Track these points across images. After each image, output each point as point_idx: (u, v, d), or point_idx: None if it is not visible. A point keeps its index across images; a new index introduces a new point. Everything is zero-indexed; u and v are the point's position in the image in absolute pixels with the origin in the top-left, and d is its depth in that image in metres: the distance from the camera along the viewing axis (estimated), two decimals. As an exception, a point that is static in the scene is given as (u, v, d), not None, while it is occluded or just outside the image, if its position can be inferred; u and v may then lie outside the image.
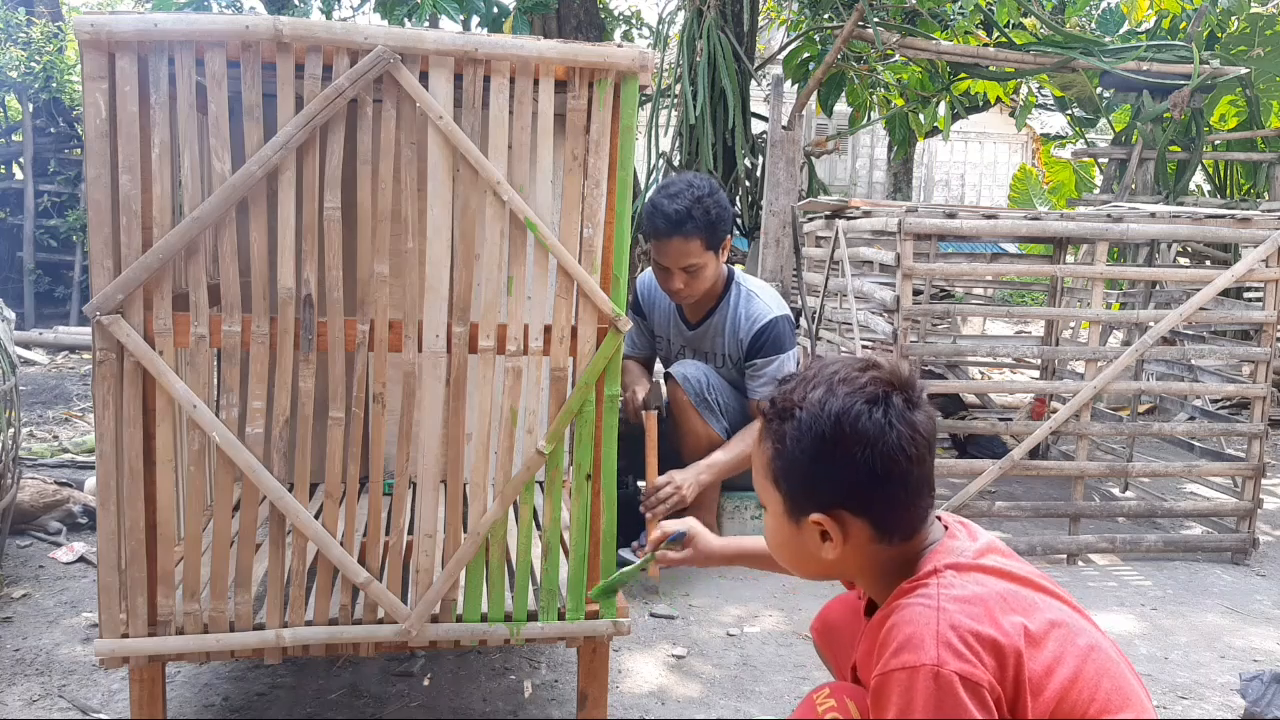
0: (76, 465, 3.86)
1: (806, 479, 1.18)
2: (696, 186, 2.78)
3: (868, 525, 1.18)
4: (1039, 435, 3.22)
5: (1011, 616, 1.11)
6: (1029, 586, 1.18)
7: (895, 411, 1.15)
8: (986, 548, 1.21)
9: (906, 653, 1.08)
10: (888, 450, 1.14)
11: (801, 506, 1.20)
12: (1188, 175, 6.47)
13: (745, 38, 7.07)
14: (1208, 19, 6.51)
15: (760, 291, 3.00)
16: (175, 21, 1.61)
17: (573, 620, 1.88)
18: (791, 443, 1.17)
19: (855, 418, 1.14)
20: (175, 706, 2.05)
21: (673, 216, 2.73)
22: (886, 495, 1.17)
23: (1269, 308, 3.24)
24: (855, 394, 1.15)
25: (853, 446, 1.14)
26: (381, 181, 1.71)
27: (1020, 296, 9.27)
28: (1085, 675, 1.11)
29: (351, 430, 1.75)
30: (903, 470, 1.15)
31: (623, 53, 1.73)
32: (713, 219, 2.77)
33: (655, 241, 2.80)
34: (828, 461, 1.15)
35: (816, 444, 1.15)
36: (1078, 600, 1.23)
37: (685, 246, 2.76)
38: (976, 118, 10.61)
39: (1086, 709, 1.10)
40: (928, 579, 1.15)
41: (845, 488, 1.16)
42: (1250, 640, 2.67)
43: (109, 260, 1.64)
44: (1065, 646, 1.12)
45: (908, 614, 1.12)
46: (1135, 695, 1.14)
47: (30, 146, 8.14)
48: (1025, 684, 1.08)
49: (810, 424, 1.15)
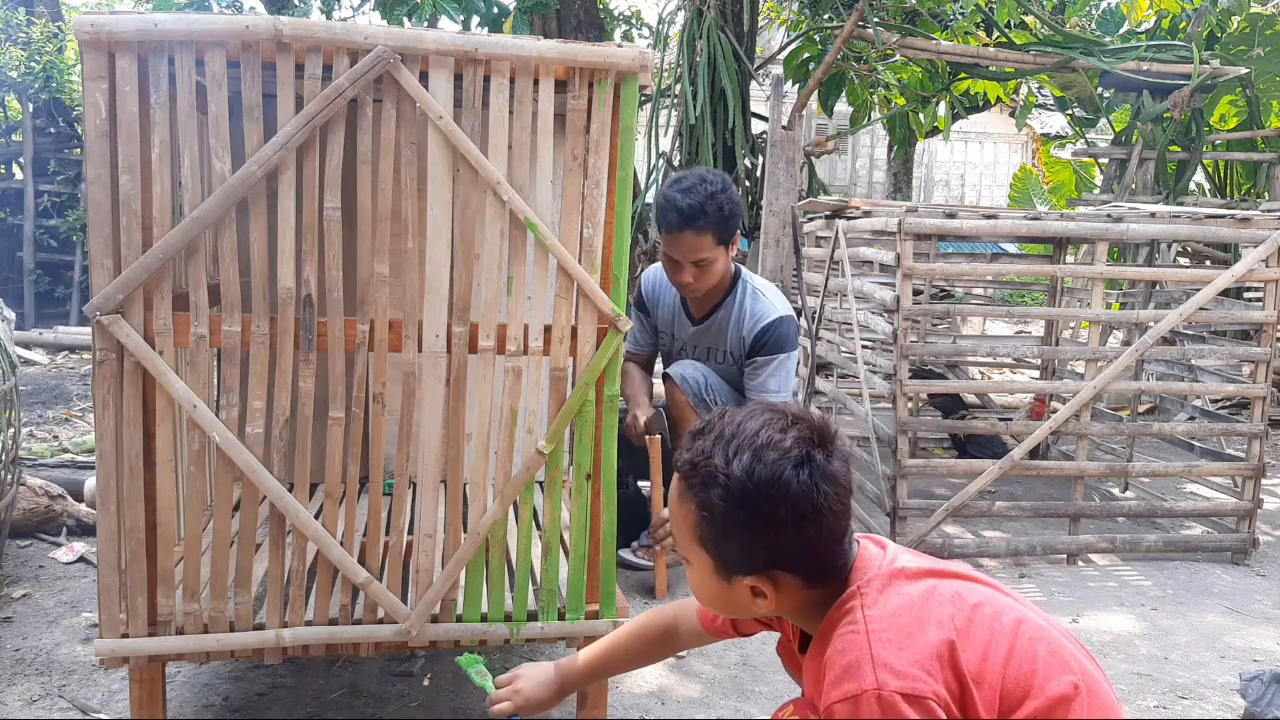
0: (76, 465, 3.85)
1: (736, 545, 1.17)
2: (710, 181, 2.80)
3: (798, 578, 1.18)
4: (1039, 435, 3.22)
5: (938, 613, 1.13)
6: (945, 577, 1.20)
7: (819, 471, 1.14)
8: (895, 554, 1.24)
9: (846, 682, 1.09)
10: (815, 512, 1.13)
11: (731, 569, 1.19)
12: (1188, 175, 6.48)
13: (745, 38, 7.07)
14: (1208, 19, 6.51)
15: (766, 290, 3.01)
16: (175, 21, 1.61)
17: (573, 620, 1.88)
18: (719, 510, 1.15)
19: (784, 485, 1.12)
20: (175, 706, 2.05)
21: (686, 211, 2.75)
22: (815, 550, 1.17)
23: (1269, 308, 3.24)
24: (782, 460, 1.13)
25: (782, 513, 1.13)
26: (381, 181, 1.71)
27: (1020, 296, 9.27)
28: (1019, 649, 1.13)
29: (351, 430, 1.75)
30: (829, 525, 1.15)
31: (623, 53, 1.73)
32: (725, 214, 2.79)
33: (667, 235, 2.81)
34: (758, 528, 1.14)
35: (746, 512, 1.14)
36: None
37: (697, 241, 2.78)
38: (976, 118, 10.61)
39: (1030, 680, 1.12)
40: (850, 601, 1.17)
41: (776, 551, 1.16)
42: (1250, 640, 2.67)
43: (109, 260, 1.64)
44: (994, 627, 1.14)
45: (840, 644, 1.13)
46: (1072, 656, 1.17)
47: (30, 146, 8.14)
48: (966, 677, 1.09)
49: (738, 492, 1.13)
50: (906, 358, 3.17)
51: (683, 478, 1.20)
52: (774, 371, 2.93)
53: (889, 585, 1.17)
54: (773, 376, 2.93)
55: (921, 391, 3.93)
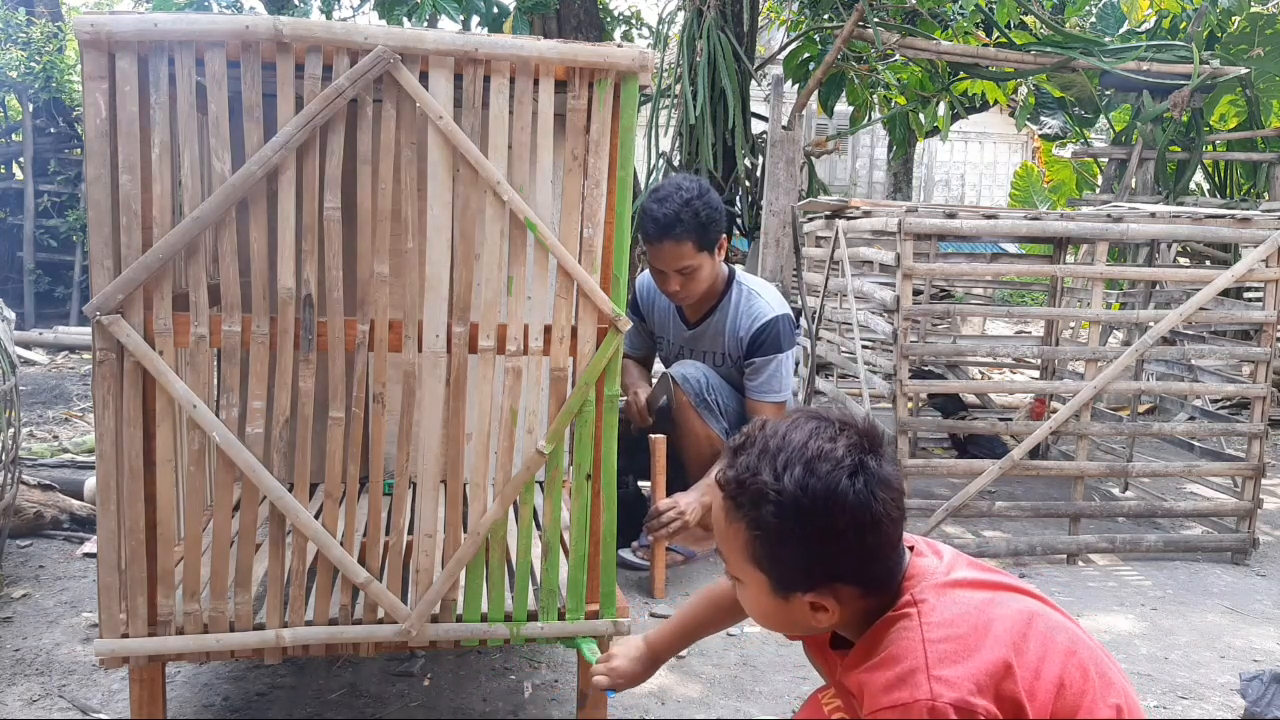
0: (76, 465, 3.85)
1: (794, 561, 1.14)
2: (685, 189, 2.77)
3: (857, 588, 1.16)
4: (1039, 435, 3.22)
5: (996, 627, 1.11)
6: (1001, 589, 1.19)
7: (874, 478, 1.11)
8: (953, 562, 1.21)
9: (899, 690, 1.07)
10: (875, 521, 1.11)
11: (790, 586, 1.16)
12: (1188, 175, 6.47)
13: (745, 38, 7.07)
14: (1208, 19, 6.51)
15: (761, 290, 3.00)
16: (175, 21, 1.60)
17: (573, 620, 1.88)
18: (773, 527, 1.11)
19: (842, 496, 1.09)
20: (175, 706, 2.05)
21: (662, 220, 2.74)
22: (875, 559, 1.15)
23: (1269, 308, 3.24)
24: (836, 471, 1.10)
25: (841, 525, 1.10)
26: (381, 181, 1.71)
27: (1020, 296, 9.27)
28: (1071, 670, 1.12)
29: (351, 430, 1.75)
30: (887, 532, 1.13)
31: (623, 53, 1.73)
32: (703, 221, 2.76)
33: (648, 245, 2.82)
34: (816, 543, 1.11)
35: (803, 529, 1.10)
36: (1064, 600, 1.25)
37: (677, 250, 2.77)
38: (976, 118, 10.61)
39: (1079, 702, 1.11)
40: (908, 609, 1.14)
41: (836, 564, 1.13)
42: (1250, 640, 2.67)
43: (109, 260, 1.64)
44: (1047, 645, 1.13)
45: (895, 650, 1.11)
46: (1117, 678, 1.16)
47: (30, 146, 8.14)
48: (1021, 696, 1.08)
49: (792, 507, 1.09)
50: (906, 358, 3.17)
51: (728, 496, 1.15)
52: (774, 371, 2.93)
53: (946, 593, 1.15)
54: (773, 376, 2.93)
55: (921, 391, 3.94)
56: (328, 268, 1.71)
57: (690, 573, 2.99)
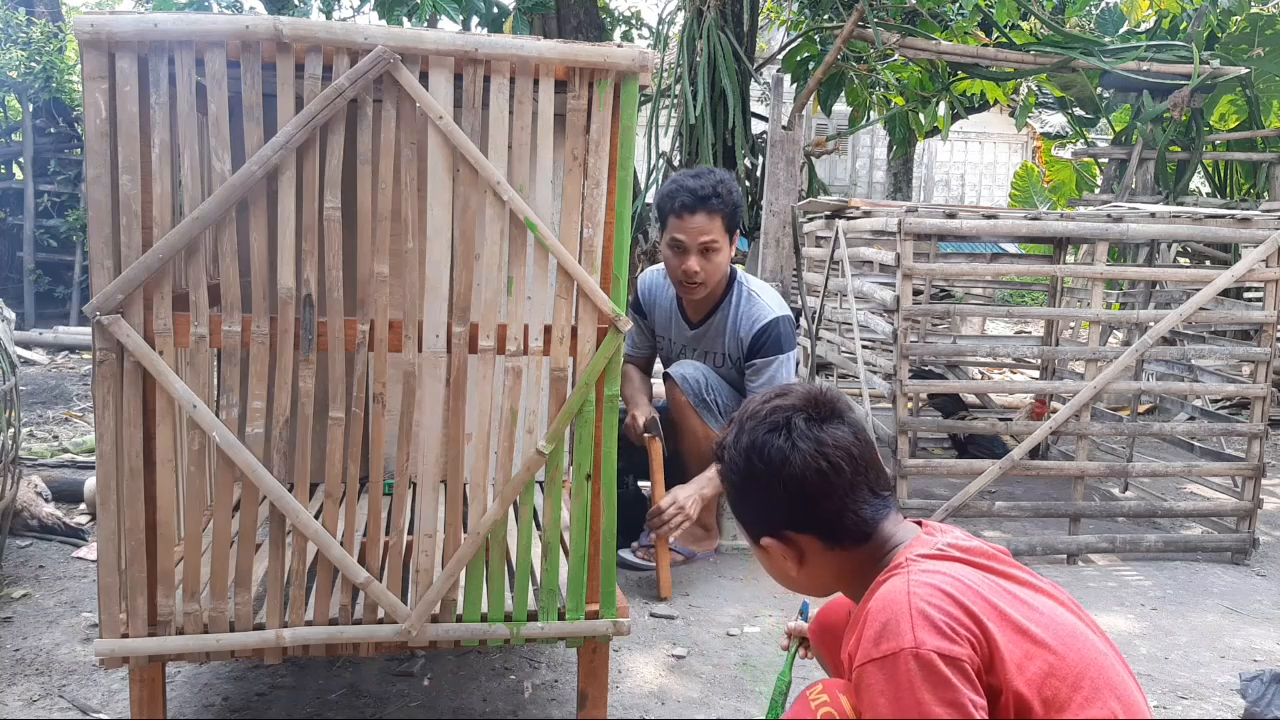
0: (76, 465, 3.86)
1: (748, 511, 1.29)
2: (718, 171, 2.94)
3: (814, 538, 1.25)
4: (1039, 435, 3.22)
5: (988, 595, 1.14)
6: (1006, 579, 1.21)
7: (798, 432, 1.22)
8: (955, 537, 1.26)
9: (885, 640, 1.11)
10: (796, 470, 1.21)
11: (754, 534, 1.29)
12: (1188, 175, 6.47)
13: (745, 38, 7.07)
14: (1208, 19, 6.51)
15: (762, 292, 3.01)
16: (175, 21, 1.61)
17: (573, 620, 1.88)
18: (726, 482, 1.30)
19: (762, 449, 1.23)
20: (175, 706, 2.05)
21: (698, 192, 2.82)
22: (817, 508, 1.23)
23: (1269, 308, 3.24)
24: (758, 426, 1.25)
25: (765, 475, 1.22)
26: (381, 181, 1.71)
27: (1020, 296, 9.27)
28: (1066, 659, 1.13)
29: (351, 430, 1.75)
30: (818, 483, 1.22)
31: (623, 53, 1.73)
32: (735, 201, 2.89)
33: (677, 218, 2.85)
34: (752, 492, 1.25)
35: (741, 479, 1.26)
36: (1069, 595, 1.26)
37: (709, 223, 2.84)
38: (976, 118, 10.61)
39: (1072, 697, 1.11)
40: (898, 568, 1.19)
41: (775, 512, 1.25)
42: (1250, 640, 2.67)
43: (109, 260, 1.64)
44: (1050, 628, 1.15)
45: (881, 601, 1.15)
46: (1118, 677, 1.16)
47: (30, 146, 8.14)
48: (1000, 656, 1.10)
49: (731, 463, 1.27)
50: (906, 358, 3.17)
51: (716, 462, 1.34)
52: (775, 372, 2.93)
53: (944, 561, 1.19)
54: (774, 377, 2.94)
55: (921, 391, 3.94)
56: (328, 268, 1.71)
57: (690, 573, 2.98)
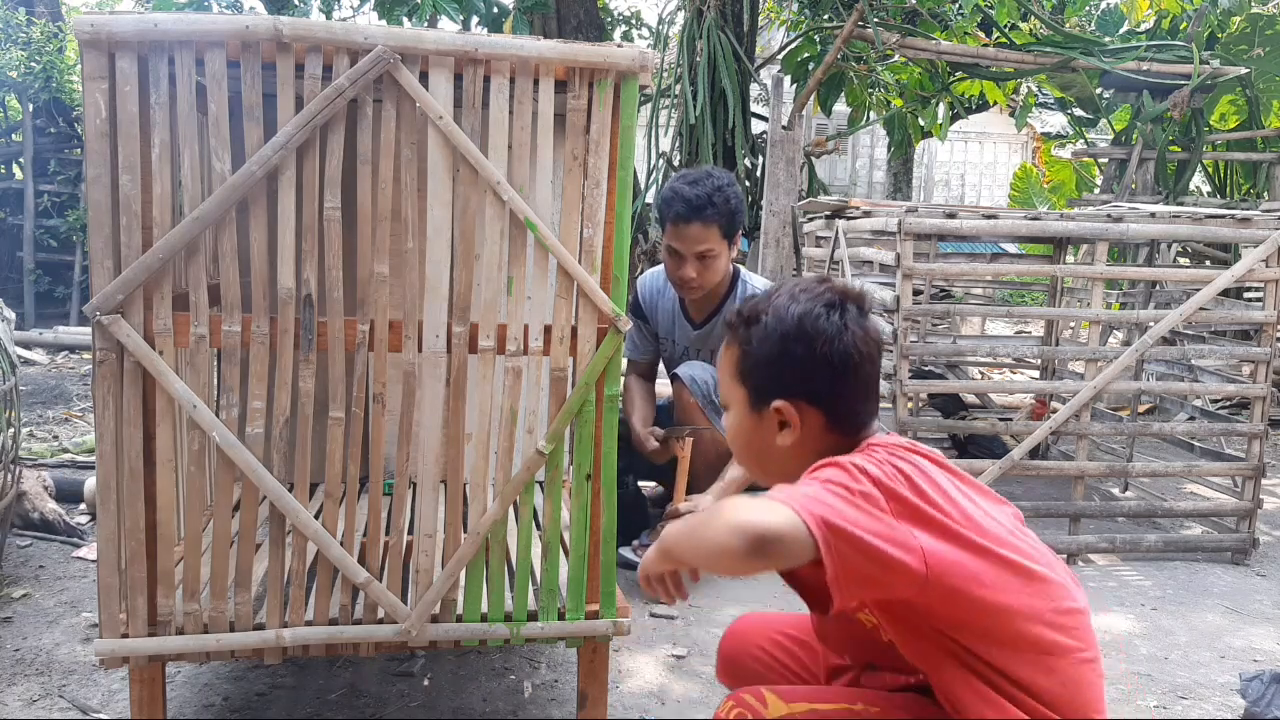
0: (76, 465, 3.86)
1: (771, 372, 1.33)
2: (716, 176, 2.86)
3: (821, 415, 1.32)
4: (1039, 435, 3.22)
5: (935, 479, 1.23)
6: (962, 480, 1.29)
7: (850, 316, 1.32)
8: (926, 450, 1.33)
9: (823, 467, 1.22)
10: (843, 347, 1.30)
11: (765, 397, 1.34)
12: (1188, 175, 6.47)
13: (745, 38, 7.07)
14: (1208, 19, 6.51)
15: (766, 288, 3.02)
16: (175, 21, 1.61)
17: (573, 620, 1.88)
18: (758, 342, 1.33)
19: (815, 318, 1.31)
20: (175, 706, 2.05)
21: (693, 201, 2.78)
22: (840, 387, 1.32)
23: (1269, 308, 3.24)
24: (814, 299, 1.33)
25: (813, 342, 1.30)
26: (381, 181, 1.71)
27: (1020, 296, 9.27)
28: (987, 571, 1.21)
29: (351, 430, 1.75)
30: (854, 365, 1.31)
31: (623, 53, 1.73)
32: (732, 208, 2.83)
33: (673, 226, 2.83)
34: (791, 355, 1.31)
35: (782, 341, 1.31)
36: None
37: (704, 233, 2.80)
38: (976, 118, 10.61)
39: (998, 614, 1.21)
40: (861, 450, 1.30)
41: (805, 378, 1.31)
42: (1250, 640, 2.67)
43: (109, 260, 1.64)
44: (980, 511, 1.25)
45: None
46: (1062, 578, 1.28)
47: (30, 146, 8.14)
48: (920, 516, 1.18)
49: (776, 324, 1.32)
50: (906, 358, 3.17)
51: (729, 326, 1.40)
52: None
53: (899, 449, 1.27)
54: None
55: (921, 391, 3.93)
56: (328, 268, 1.71)
57: (690, 573, 2.98)
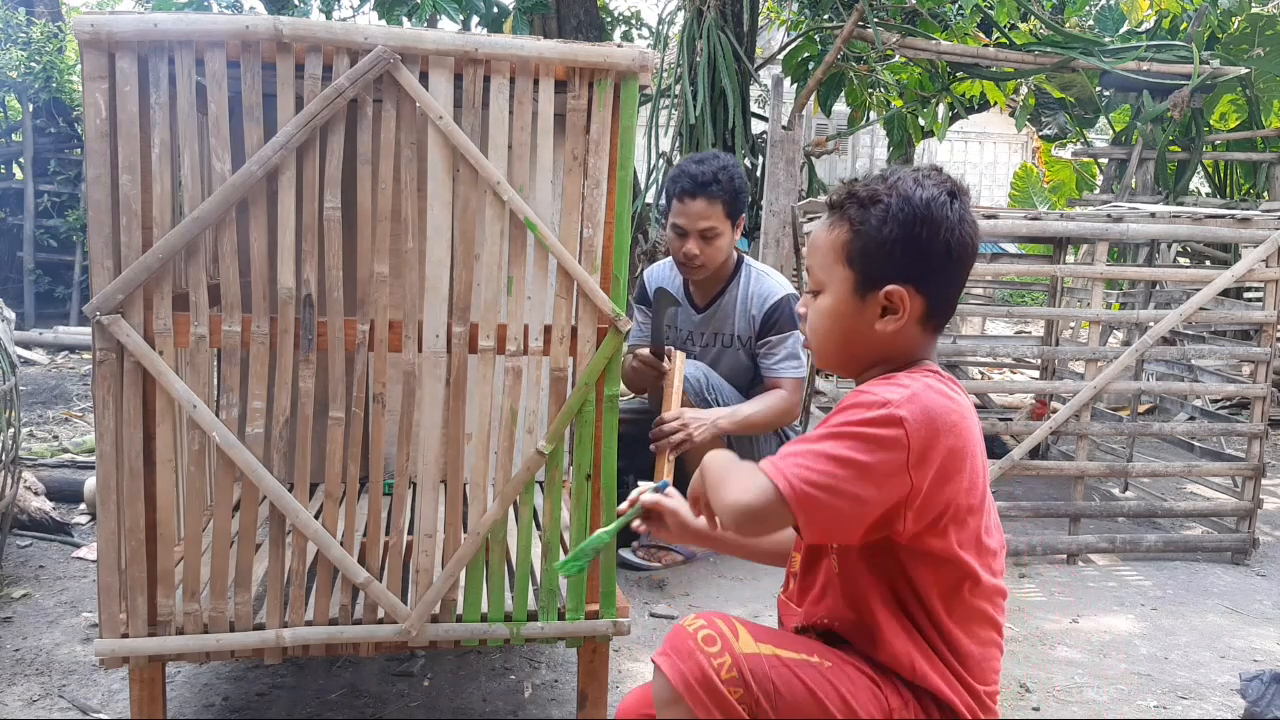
0: (76, 465, 3.86)
1: (889, 255, 1.31)
2: (722, 157, 2.91)
3: (925, 304, 1.32)
4: (1039, 435, 3.22)
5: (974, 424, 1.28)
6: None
7: (965, 207, 1.32)
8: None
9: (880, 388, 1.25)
10: (962, 235, 1.31)
11: (875, 281, 1.32)
12: (1188, 175, 6.47)
13: (745, 38, 7.06)
14: (1208, 19, 6.50)
15: (769, 272, 3.06)
16: (175, 21, 1.61)
17: (573, 620, 1.88)
18: (877, 223, 1.30)
19: (941, 205, 1.30)
20: (175, 706, 2.05)
21: (699, 177, 2.82)
22: (952, 275, 1.33)
23: (1269, 308, 3.24)
24: (939, 186, 1.31)
25: (939, 228, 1.29)
26: (381, 181, 1.71)
27: (1020, 296, 9.27)
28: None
29: (351, 430, 1.75)
30: (966, 256, 1.32)
31: (623, 53, 1.73)
32: (736, 187, 2.87)
33: (679, 202, 2.87)
34: (915, 239, 1.29)
35: (906, 224, 1.29)
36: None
37: (709, 209, 2.84)
38: (976, 118, 10.59)
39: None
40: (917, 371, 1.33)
41: (924, 263, 1.30)
42: (1250, 640, 2.67)
43: (109, 260, 1.64)
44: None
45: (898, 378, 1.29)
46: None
47: (30, 146, 8.13)
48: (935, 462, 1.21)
49: (900, 207, 1.29)
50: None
51: (835, 207, 1.36)
52: (791, 348, 2.95)
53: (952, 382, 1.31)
54: (791, 352, 2.95)
55: (921, 391, 3.92)
56: (328, 268, 1.71)
57: (690, 573, 2.98)
